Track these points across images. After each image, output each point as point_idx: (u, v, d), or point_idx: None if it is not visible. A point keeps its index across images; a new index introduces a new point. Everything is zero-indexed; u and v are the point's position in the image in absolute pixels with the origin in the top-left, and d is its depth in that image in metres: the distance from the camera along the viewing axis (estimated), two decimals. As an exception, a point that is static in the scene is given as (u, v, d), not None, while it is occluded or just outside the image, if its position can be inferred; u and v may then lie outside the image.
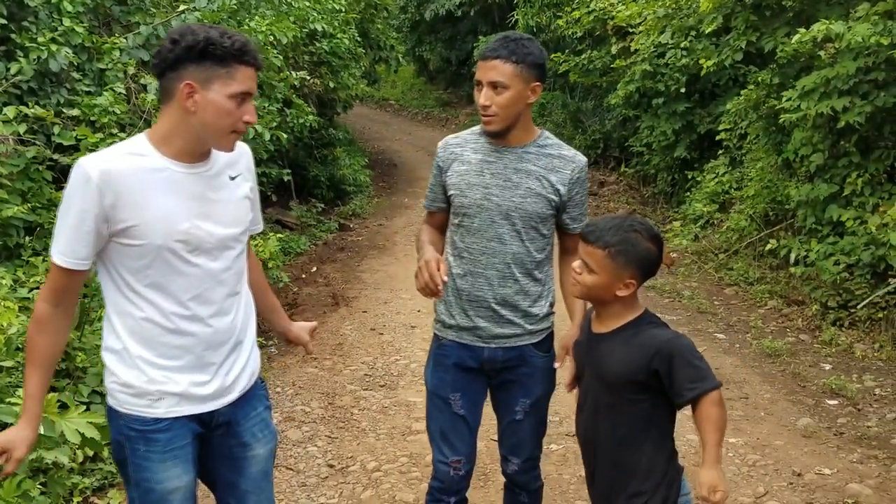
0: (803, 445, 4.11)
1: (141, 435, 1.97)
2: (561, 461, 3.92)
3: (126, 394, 1.97)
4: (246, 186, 2.10)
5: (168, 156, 1.91)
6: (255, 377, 2.18)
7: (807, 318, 6.01)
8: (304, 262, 8.13)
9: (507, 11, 16.16)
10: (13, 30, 4.66)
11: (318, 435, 4.27)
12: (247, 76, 1.89)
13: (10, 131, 4.15)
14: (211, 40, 1.84)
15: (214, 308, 2.00)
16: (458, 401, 2.56)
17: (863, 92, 5.66)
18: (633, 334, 2.09)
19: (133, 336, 1.95)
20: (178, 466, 2.00)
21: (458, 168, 2.48)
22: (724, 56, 7.81)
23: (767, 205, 7.21)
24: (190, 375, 1.99)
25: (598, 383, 2.16)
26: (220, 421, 2.08)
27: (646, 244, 2.07)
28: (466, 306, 2.50)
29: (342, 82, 10.11)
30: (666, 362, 2.00)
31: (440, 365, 2.59)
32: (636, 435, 2.10)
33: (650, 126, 9.78)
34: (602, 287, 2.09)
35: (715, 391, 1.99)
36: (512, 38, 2.34)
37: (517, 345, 2.52)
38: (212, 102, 1.86)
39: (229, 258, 2.03)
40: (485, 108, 2.34)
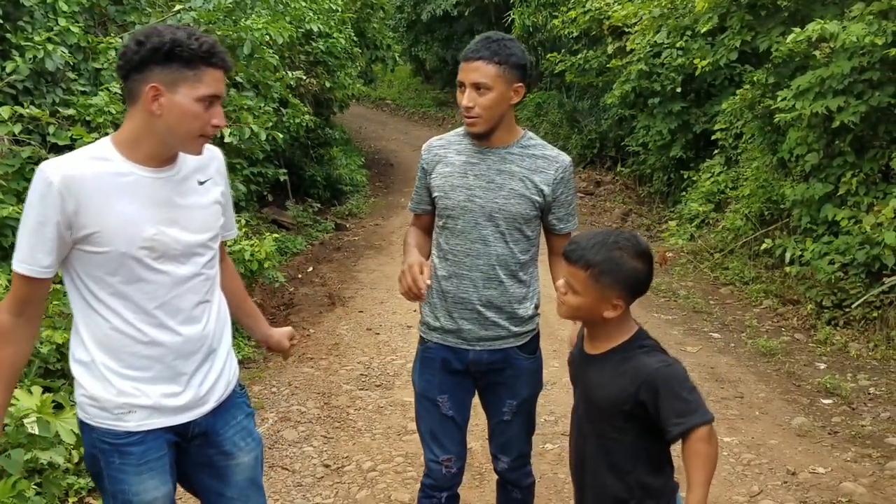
0: (798, 444, 4.12)
1: (114, 448, 1.93)
2: (556, 460, 3.93)
3: (95, 407, 1.92)
4: (216, 191, 2.04)
5: (133, 160, 1.86)
6: (232, 385, 2.12)
7: (802, 317, 6.03)
8: (300, 262, 8.12)
9: (504, 11, 16.16)
10: (8, 29, 4.65)
11: (313, 435, 4.27)
12: (214, 78, 1.83)
13: (6, 131, 4.14)
14: (177, 42, 1.78)
15: (183, 316, 1.95)
16: (446, 402, 2.57)
17: (857, 91, 5.67)
18: (622, 360, 1.95)
19: (100, 347, 1.90)
20: (154, 478, 1.96)
21: (442, 170, 2.48)
22: (719, 56, 7.82)
23: (763, 204, 7.23)
24: (161, 386, 1.94)
25: (586, 406, 2.06)
26: (196, 431, 2.04)
27: (632, 263, 1.92)
28: (451, 308, 2.49)
29: (338, 82, 10.12)
30: (652, 394, 1.86)
31: (427, 367, 2.59)
32: (625, 463, 1.97)
33: (646, 125, 9.80)
34: (587, 309, 1.95)
35: (704, 426, 1.82)
36: (493, 39, 2.33)
37: (502, 347, 2.51)
38: (178, 105, 1.81)
39: (198, 265, 1.97)
40: (468, 109, 2.33)
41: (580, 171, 13.07)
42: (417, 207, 2.63)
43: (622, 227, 9.79)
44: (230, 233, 2.20)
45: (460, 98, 2.36)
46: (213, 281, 2.06)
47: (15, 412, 2.55)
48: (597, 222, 10.02)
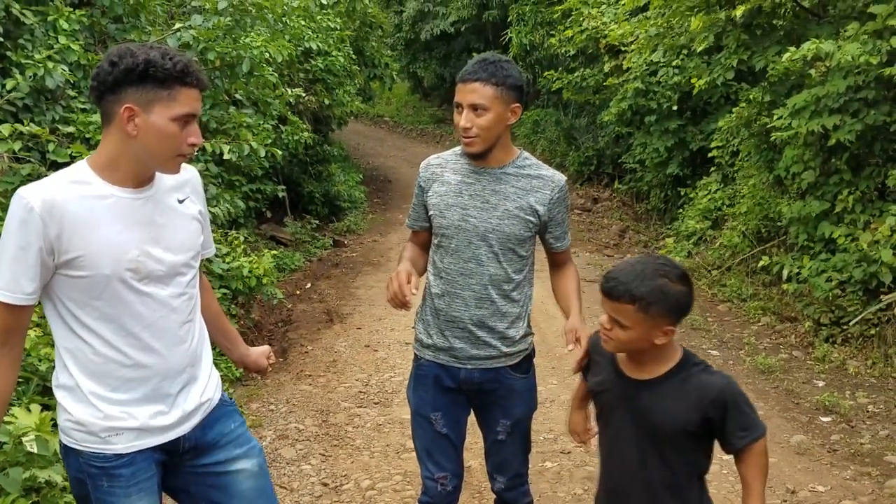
0: (797, 462, 4.12)
1: (103, 472, 1.91)
2: (555, 479, 3.92)
3: (82, 432, 1.90)
4: (194, 209, 2.04)
5: (112, 182, 1.84)
6: (217, 397, 2.11)
7: (800, 334, 6.03)
8: (298, 278, 8.12)
9: (501, 30, 16.28)
10: (9, 47, 4.67)
11: (311, 453, 4.25)
12: (190, 98, 1.82)
13: (5, 149, 4.15)
14: (151, 62, 1.77)
15: (169, 337, 1.94)
16: (440, 420, 2.57)
17: (853, 110, 5.71)
18: (683, 380, 1.96)
19: (84, 372, 1.88)
20: (143, 499, 1.94)
21: (438, 189, 2.49)
22: (715, 74, 7.87)
23: (760, 222, 7.26)
24: (148, 407, 1.93)
25: (642, 434, 2.00)
26: (187, 446, 2.03)
27: (676, 288, 1.91)
28: (443, 326, 2.51)
29: (337, 99, 10.17)
30: (721, 410, 1.92)
31: (420, 384, 2.60)
32: (686, 482, 2.02)
33: (643, 143, 9.85)
34: (638, 340, 1.93)
35: (763, 439, 1.94)
36: (490, 61, 2.35)
37: (493, 367, 2.51)
38: (153, 126, 1.79)
39: (181, 284, 1.97)
40: (466, 130, 2.35)
41: (577, 187, 13.11)
42: (415, 224, 2.64)
43: (619, 243, 9.82)
44: (209, 251, 2.19)
45: (457, 119, 2.38)
46: (195, 300, 2.06)
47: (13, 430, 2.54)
48: (594, 239, 10.04)
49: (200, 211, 2.07)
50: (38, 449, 2.49)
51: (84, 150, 4.39)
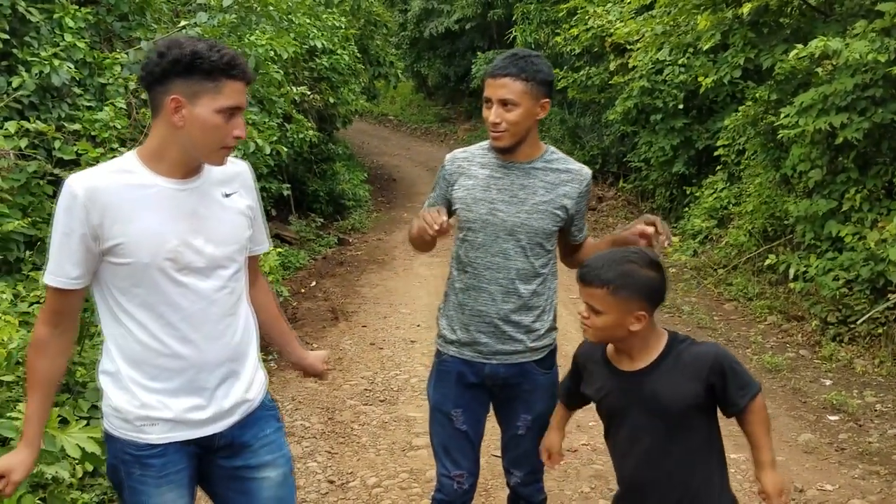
0: (805, 461, 4.10)
1: (136, 460, 1.93)
2: (562, 477, 3.91)
3: (118, 418, 1.93)
4: (242, 204, 2.03)
5: (158, 172, 1.87)
6: (259, 399, 2.10)
7: (806, 333, 6.01)
8: (303, 276, 8.12)
9: (506, 28, 16.26)
10: (15, 45, 4.67)
11: (318, 450, 4.25)
12: (235, 90, 1.84)
13: (12, 146, 4.15)
14: (198, 54, 1.79)
15: (207, 329, 1.94)
16: (460, 416, 2.56)
17: (860, 108, 5.69)
18: (675, 358, 2.04)
19: (125, 358, 1.91)
20: (172, 491, 1.96)
21: (465, 182, 2.48)
22: (722, 72, 7.85)
23: (766, 220, 7.23)
24: (183, 399, 1.93)
25: (652, 419, 2.05)
26: (221, 443, 2.02)
27: (644, 272, 2.01)
28: (468, 321, 2.50)
29: (342, 98, 10.17)
30: (720, 374, 1.99)
31: (442, 380, 2.59)
32: (704, 458, 2.07)
33: (648, 142, 9.83)
34: (613, 326, 2.02)
35: (760, 394, 2.01)
36: (521, 56, 2.36)
37: (518, 361, 2.51)
38: (199, 117, 1.82)
39: (223, 277, 1.96)
40: (495, 125, 2.35)
41: (582, 186, 13.08)
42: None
43: (625, 242, 9.79)
44: (261, 247, 2.19)
45: (486, 113, 2.39)
46: (240, 295, 2.05)
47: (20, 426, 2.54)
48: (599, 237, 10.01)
49: (250, 206, 2.07)
50: (46, 445, 2.48)
51: (90, 147, 4.39)
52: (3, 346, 3.04)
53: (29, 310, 3.64)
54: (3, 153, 4.14)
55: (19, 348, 3.17)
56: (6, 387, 3.07)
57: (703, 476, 2.07)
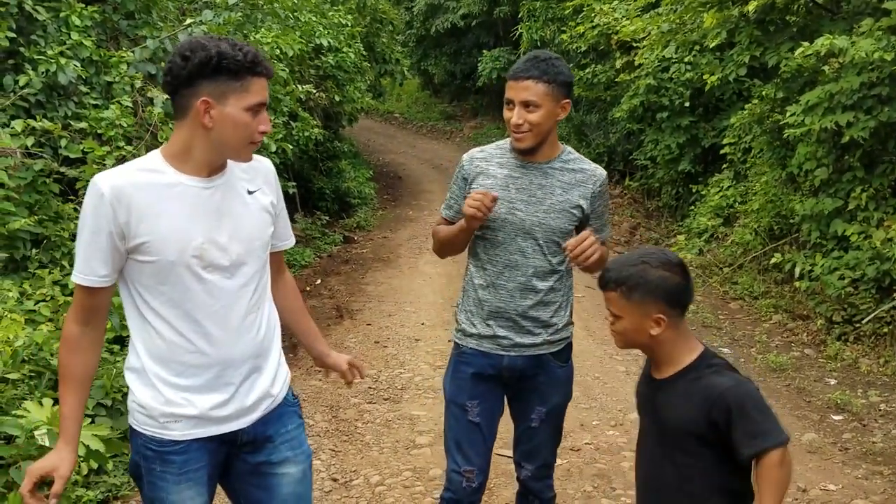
0: (808, 461, 4.10)
1: (157, 455, 1.96)
2: (565, 476, 3.91)
3: (143, 414, 1.96)
4: (266, 200, 2.06)
5: (183, 171, 1.89)
6: (283, 394, 2.12)
7: (812, 332, 6.00)
8: (308, 274, 8.14)
9: (512, 25, 16.24)
10: (22, 43, 4.69)
11: (321, 448, 4.26)
12: (260, 87, 1.87)
13: (18, 144, 4.17)
14: (223, 54, 1.81)
15: (232, 326, 1.96)
16: (475, 408, 2.59)
17: (867, 107, 5.67)
18: (692, 381, 1.90)
19: (151, 355, 1.94)
20: (191, 489, 1.98)
21: (484, 182, 2.51)
22: (728, 71, 7.83)
23: (772, 219, 7.22)
24: (207, 396, 1.95)
25: (656, 433, 2.00)
26: (245, 439, 2.04)
27: (656, 272, 1.91)
28: (487, 316, 2.55)
29: (347, 96, 10.17)
30: (724, 413, 1.81)
31: (459, 372, 2.63)
32: (704, 491, 1.91)
33: (654, 140, 9.81)
34: (633, 330, 1.94)
35: (778, 449, 1.77)
36: (542, 59, 2.40)
37: (536, 353, 2.56)
38: (229, 117, 1.84)
39: (246, 275, 1.99)
40: (517, 126, 2.40)
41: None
42: (453, 215, 2.64)
43: (629, 241, 9.79)
44: (285, 242, 2.22)
45: (508, 115, 2.43)
46: (263, 291, 2.07)
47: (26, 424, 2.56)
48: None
49: (273, 202, 2.09)
50: (50, 442, 2.50)
51: (96, 145, 4.41)
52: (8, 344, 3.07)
53: (35, 308, 3.66)
54: (9, 151, 4.16)
55: (25, 346, 3.19)
56: (11, 384, 3.09)
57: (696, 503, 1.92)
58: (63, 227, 4.32)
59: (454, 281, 7.58)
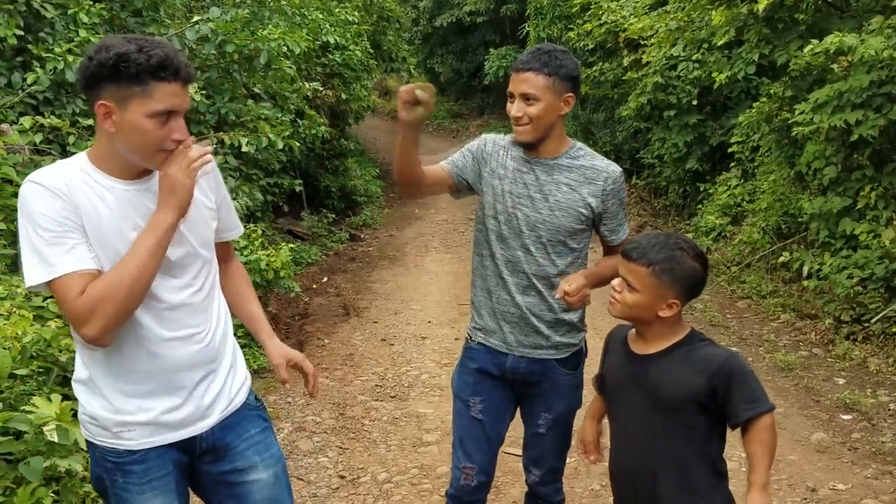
0: (817, 460, 4.08)
1: (116, 467, 1.90)
2: (573, 474, 3.90)
3: (95, 426, 1.89)
4: (205, 199, 1.96)
5: (109, 174, 1.81)
6: (240, 397, 2.05)
7: (820, 331, 5.97)
8: (315, 272, 8.14)
9: (519, 23, 16.23)
10: (30, 41, 4.70)
11: (329, 445, 4.26)
12: (167, 93, 1.72)
13: (26, 141, 4.18)
14: (123, 56, 1.68)
15: (179, 327, 1.89)
16: (478, 405, 2.55)
17: (876, 105, 5.64)
18: (687, 353, 2.01)
19: (96, 364, 1.86)
20: (157, 497, 1.91)
21: (498, 170, 2.48)
22: (736, 69, 7.80)
23: (780, 218, 7.19)
24: (159, 401, 1.88)
25: (650, 407, 2.04)
26: (205, 447, 1.98)
27: (691, 263, 1.99)
28: (495, 307, 2.51)
29: (354, 94, 10.18)
30: (725, 380, 1.94)
31: (465, 367, 2.61)
32: (698, 459, 2.02)
33: (662, 138, 9.78)
34: (643, 307, 2.01)
35: (769, 414, 1.93)
36: (545, 51, 2.34)
37: (541, 357, 2.51)
38: (129, 123, 1.72)
39: (190, 274, 1.91)
40: (517, 119, 2.35)
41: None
42: (453, 170, 2.52)
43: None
44: (232, 232, 2.14)
45: (510, 108, 2.38)
46: (211, 290, 1.99)
47: (34, 419, 2.56)
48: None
49: (213, 198, 2.01)
50: (59, 438, 2.50)
51: (104, 142, 4.41)
52: (17, 340, 3.06)
53: (43, 304, 3.66)
54: (18, 148, 4.16)
55: (33, 342, 3.19)
56: (20, 380, 3.09)
57: (692, 475, 2.02)
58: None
59: (461, 279, 7.57)
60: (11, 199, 3.99)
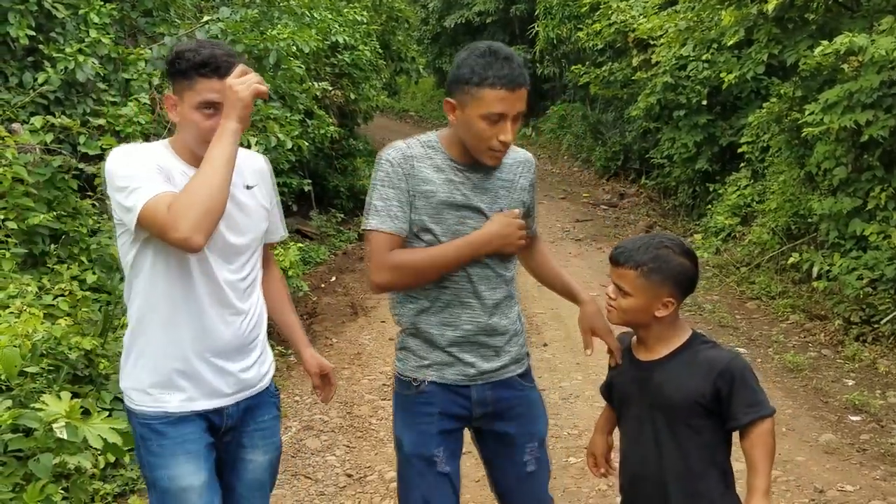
0: (825, 462, 4.06)
1: (152, 430, 2.02)
2: (580, 474, 3.90)
3: (137, 391, 2.05)
4: (261, 195, 2.17)
5: (184, 160, 2.02)
6: (263, 384, 2.20)
7: (829, 332, 5.95)
8: (323, 271, 8.16)
9: (528, 23, 16.22)
10: (41, 41, 4.74)
11: (336, 444, 4.27)
12: (207, 88, 1.95)
13: (37, 141, 4.21)
14: (178, 54, 1.96)
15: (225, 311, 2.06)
16: (443, 457, 2.16)
17: (886, 105, 5.61)
18: (692, 356, 2.01)
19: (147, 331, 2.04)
20: (190, 463, 2.01)
21: (424, 188, 2.08)
22: (746, 69, 7.78)
23: (790, 218, 7.16)
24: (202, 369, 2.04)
25: (657, 413, 2.02)
26: (229, 424, 2.12)
27: (678, 259, 2.00)
28: (446, 342, 2.14)
29: (363, 94, 10.19)
30: (728, 382, 1.93)
31: (421, 415, 2.16)
32: (704, 465, 2.01)
33: (671, 138, 9.76)
34: (639, 309, 2.00)
35: (770, 418, 1.92)
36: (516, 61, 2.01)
37: (505, 377, 2.20)
38: (184, 115, 1.99)
39: (241, 263, 2.09)
40: (504, 145, 2.04)
41: (603, 182, 13.02)
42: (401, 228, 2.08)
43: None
44: (276, 235, 2.31)
45: (497, 131, 2.02)
46: (255, 281, 2.17)
47: (44, 417, 2.58)
48: (620, 234, 9.96)
49: (268, 197, 2.21)
50: (68, 436, 2.52)
51: (114, 142, 4.44)
52: (27, 338, 3.09)
53: (54, 302, 3.69)
54: (29, 148, 4.19)
55: (43, 340, 3.22)
56: (30, 378, 3.12)
57: (701, 479, 2.01)
58: (81, 222, 4.36)
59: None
60: (23, 198, 4.03)
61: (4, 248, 3.85)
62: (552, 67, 15.72)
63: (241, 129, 1.95)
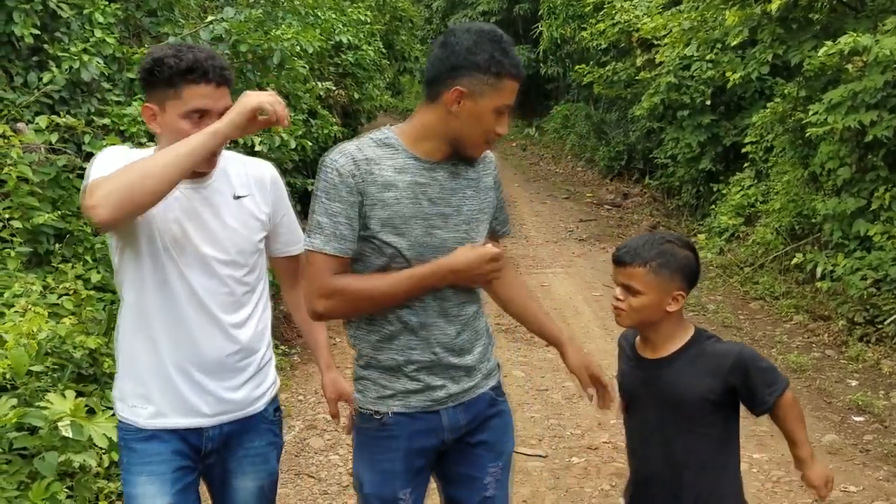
0: (829, 462, 4.05)
1: (125, 444, 1.94)
2: (582, 474, 3.90)
3: (119, 400, 1.97)
4: (255, 207, 2.00)
5: None
6: (260, 406, 2.05)
7: (833, 333, 5.94)
8: (327, 271, 8.16)
9: (532, 23, 16.22)
10: (46, 40, 4.74)
11: (339, 443, 4.28)
12: (197, 94, 1.80)
13: (42, 140, 4.22)
14: (157, 61, 1.80)
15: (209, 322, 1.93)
16: (409, 497, 1.97)
17: (891, 106, 5.60)
18: (698, 353, 2.02)
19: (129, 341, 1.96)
20: (152, 484, 1.89)
21: (384, 196, 1.84)
22: (750, 69, 7.77)
23: (794, 218, 7.15)
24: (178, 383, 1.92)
25: (666, 411, 2.02)
26: (210, 447, 1.98)
27: (683, 252, 2.03)
28: (411, 370, 1.93)
29: (366, 93, 10.19)
30: (742, 374, 1.96)
31: (385, 452, 1.95)
32: (717, 459, 2.03)
33: (675, 138, 9.76)
34: (652, 307, 2.00)
35: (788, 389, 1.98)
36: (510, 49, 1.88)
37: (477, 395, 2.01)
38: (167, 124, 1.83)
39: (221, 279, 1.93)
40: (499, 136, 1.91)
41: (607, 182, 13.01)
42: (348, 248, 1.85)
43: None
44: (295, 247, 2.13)
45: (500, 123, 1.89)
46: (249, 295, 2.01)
47: (49, 416, 2.59)
48: (624, 234, 9.96)
49: (267, 209, 2.04)
50: (73, 434, 2.53)
51: (118, 141, 4.45)
52: (32, 337, 3.10)
53: (58, 301, 3.70)
54: (33, 147, 4.20)
55: (48, 339, 3.23)
56: (35, 377, 3.13)
57: (713, 477, 2.02)
58: (85, 222, 4.36)
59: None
60: (28, 197, 4.04)
61: (9, 247, 3.86)
62: (556, 67, 15.73)
63: (222, 132, 1.75)
